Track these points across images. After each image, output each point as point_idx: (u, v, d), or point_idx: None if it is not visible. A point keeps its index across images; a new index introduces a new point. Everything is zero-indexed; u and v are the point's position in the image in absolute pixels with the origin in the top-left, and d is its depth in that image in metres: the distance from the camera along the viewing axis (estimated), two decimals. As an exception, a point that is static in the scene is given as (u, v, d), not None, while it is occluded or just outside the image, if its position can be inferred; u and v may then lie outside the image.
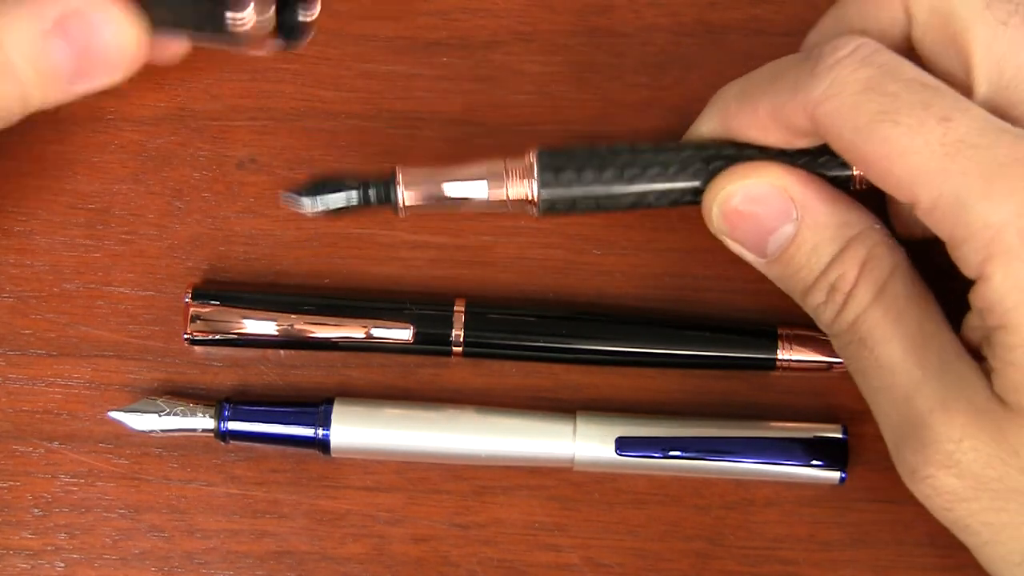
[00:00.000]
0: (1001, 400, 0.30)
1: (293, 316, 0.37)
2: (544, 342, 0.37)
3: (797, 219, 0.33)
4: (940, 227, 0.30)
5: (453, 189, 0.35)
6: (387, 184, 0.34)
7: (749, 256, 0.35)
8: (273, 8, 0.33)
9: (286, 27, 0.34)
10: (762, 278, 0.37)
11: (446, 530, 0.37)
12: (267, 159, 0.39)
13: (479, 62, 0.40)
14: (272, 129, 0.39)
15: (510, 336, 0.37)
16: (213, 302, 0.37)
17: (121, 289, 0.39)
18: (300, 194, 0.34)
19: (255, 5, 0.33)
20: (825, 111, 0.31)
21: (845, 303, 0.33)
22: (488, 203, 0.35)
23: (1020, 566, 0.31)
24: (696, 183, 0.34)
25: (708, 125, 0.35)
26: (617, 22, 0.40)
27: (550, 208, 0.35)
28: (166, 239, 0.39)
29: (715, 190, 0.34)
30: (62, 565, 0.37)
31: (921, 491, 0.32)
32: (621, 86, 0.39)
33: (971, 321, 0.32)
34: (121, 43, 0.34)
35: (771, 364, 0.37)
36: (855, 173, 0.35)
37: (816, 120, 0.31)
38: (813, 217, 0.33)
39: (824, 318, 0.34)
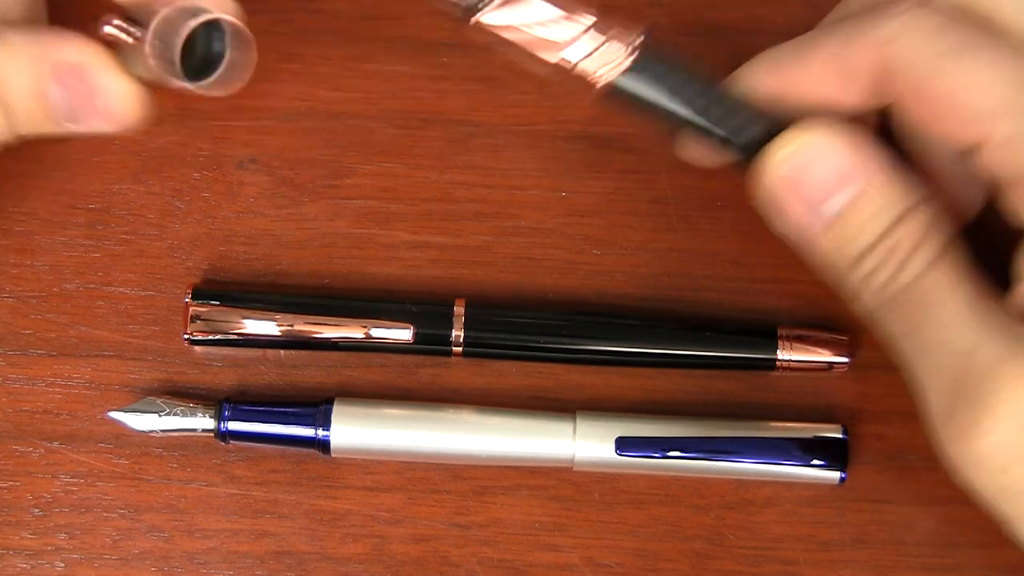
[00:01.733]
0: None
1: (293, 316, 0.37)
2: (544, 342, 0.37)
3: (864, 179, 0.32)
4: (1008, 165, 0.30)
5: (539, 16, 0.32)
6: None
7: (797, 226, 0.33)
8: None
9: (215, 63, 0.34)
10: (762, 278, 0.37)
11: (446, 530, 0.37)
12: (267, 159, 0.39)
13: (479, 62, 0.40)
14: (272, 129, 0.39)
15: (510, 336, 0.37)
16: (213, 302, 0.37)
17: (121, 289, 0.39)
18: None
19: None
20: (898, 47, 0.31)
21: (904, 264, 0.31)
22: (560, 58, 0.32)
23: None
24: (757, 130, 0.33)
25: (754, 81, 0.34)
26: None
27: (617, 95, 0.33)
28: (166, 239, 0.39)
29: (783, 142, 0.32)
30: (62, 565, 0.37)
31: (975, 450, 0.30)
32: (621, 86, 0.39)
33: (1021, 291, 0.31)
34: (118, 103, 0.34)
35: (771, 364, 0.37)
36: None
37: (886, 59, 0.31)
38: (880, 178, 0.32)
39: (875, 282, 0.32)
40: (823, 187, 0.32)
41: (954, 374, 0.30)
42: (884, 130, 0.35)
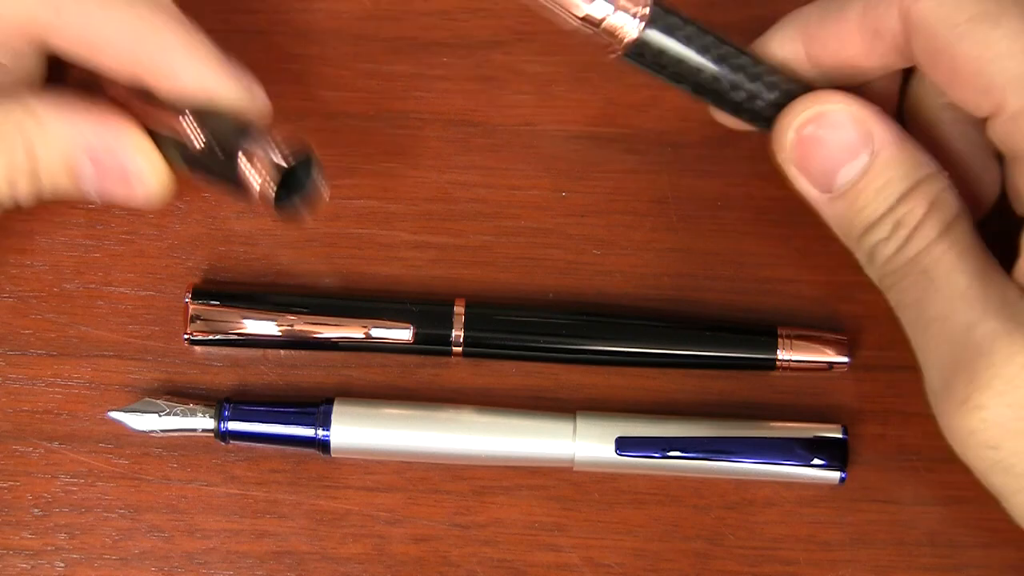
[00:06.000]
0: None
1: (293, 316, 0.37)
2: (544, 342, 0.37)
3: (873, 152, 0.32)
4: (1013, 138, 0.30)
5: None
6: None
7: (812, 192, 0.33)
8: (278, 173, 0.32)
9: (295, 196, 0.34)
10: (762, 278, 0.37)
11: (446, 530, 0.37)
12: (267, 159, 0.39)
13: (479, 62, 0.40)
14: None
15: (510, 336, 0.37)
16: (213, 302, 0.37)
17: (121, 289, 0.39)
18: None
19: (268, 165, 0.32)
20: (923, 6, 0.31)
21: (910, 237, 0.32)
22: (584, 15, 0.32)
23: None
24: (774, 96, 0.34)
25: (780, 42, 0.34)
26: (617, 22, 0.40)
27: (639, 52, 0.33)
28: (166, 239, 0.39)
29: (794, 112, 0.33)
30: (62, 565, 0.37)
31: (967, 425, 0.30)
32: (621, 86, 0.39)
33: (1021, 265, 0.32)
34: (148, 184, 0.35)
35: (771, 364, 0.37)
36: None
37: (911, 18, 0.31)
38: (888, 152, 0.32)
39: (882, 254, 0.33)
40: (837, 155, 0.33)
41: (953, 348, 0.31)
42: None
